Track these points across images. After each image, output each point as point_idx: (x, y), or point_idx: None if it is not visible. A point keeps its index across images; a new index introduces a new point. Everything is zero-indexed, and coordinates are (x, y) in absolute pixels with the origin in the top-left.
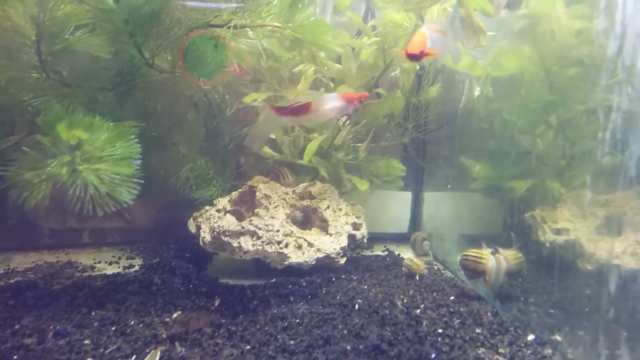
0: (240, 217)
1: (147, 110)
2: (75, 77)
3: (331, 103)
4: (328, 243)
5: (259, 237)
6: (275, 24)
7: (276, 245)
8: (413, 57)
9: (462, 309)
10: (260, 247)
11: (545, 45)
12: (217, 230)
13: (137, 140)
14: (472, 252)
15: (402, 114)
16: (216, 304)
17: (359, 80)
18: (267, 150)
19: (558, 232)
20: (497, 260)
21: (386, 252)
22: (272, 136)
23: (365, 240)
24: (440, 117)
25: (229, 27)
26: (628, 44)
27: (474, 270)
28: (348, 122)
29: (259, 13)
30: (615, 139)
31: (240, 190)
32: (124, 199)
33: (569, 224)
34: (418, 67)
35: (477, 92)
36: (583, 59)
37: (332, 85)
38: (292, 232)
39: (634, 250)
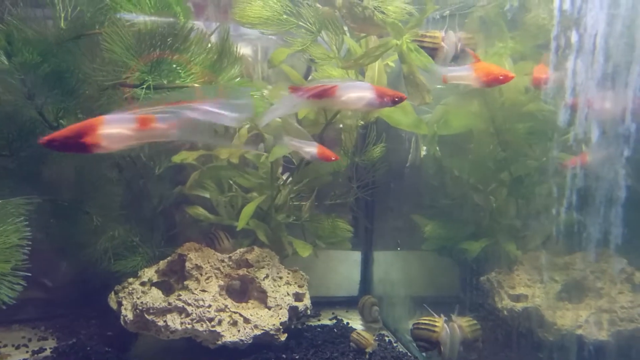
0: (169, 290)
1: (55, 177)
2: None
3: (360, 92)
4: (267, 318)
5: (188, 314)
6: (196, 84)
7: (207, 323)
8: None
9: None
10: (189, 326)
11: (494, 101)
12: (140, 308)
13: (28, 218)
14: (424, 319)
15: (347, 173)
16: None
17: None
18: (201, 211)
19: (516, 298)
20: (451, 329)
21: (334, 321)
22: (207, 195)
23: (308, 312)
24: (388, 175)
25: (142, 88)
26: (580, 115)
27: (427, 341)
28: (290, 180)
29: (177, 72)
30: (573, 197)
31: (169, 259)
32: (2, 297)
33: (527, 290)
34: (361, 124)
35: (423, 151)
36: (535, 114)
37: (271, 140)
38: (226, 306)
39: (598, 319)
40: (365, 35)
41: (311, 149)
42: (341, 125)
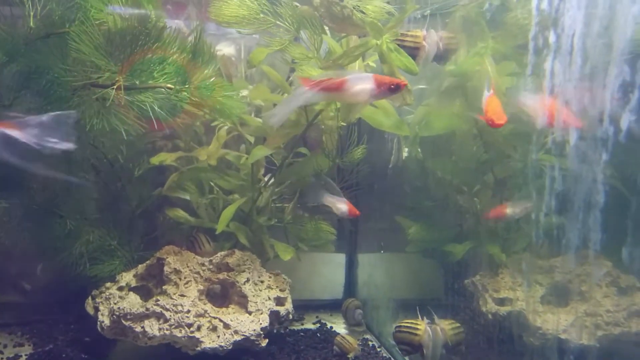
0: (148, 294)
1: (27, 180)
2: None
3: (363, 84)
4: (247, 323)
5: (166, 320)
6: (169, 85)
7: (186, 328)
8: None
9: None
10: (167, 332)
11: (476, 102)
12: (117, 314)
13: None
14: (407, 322)
15: (330, 174)
16: None
17: (280, 138)
18: (181, 213)
19: (501, 302)
20: (434, 332)
21: (318, 325)
22: (187, 197)
23: (290, 316)
24: (372, 176)
25: (113, 89)
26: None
27: (409, 344)
28: (271, 182)
29: (150, 72)
30: (555, 198)
31: (147, 262)
32: None
33: (511, 293)
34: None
35: (405, 152)
36: (518, 115)
37: (252, 141)
38: (205, 311)
39: (583, 323)
40: (346, 35)
41: (342, 205)
42: (323, 127)
